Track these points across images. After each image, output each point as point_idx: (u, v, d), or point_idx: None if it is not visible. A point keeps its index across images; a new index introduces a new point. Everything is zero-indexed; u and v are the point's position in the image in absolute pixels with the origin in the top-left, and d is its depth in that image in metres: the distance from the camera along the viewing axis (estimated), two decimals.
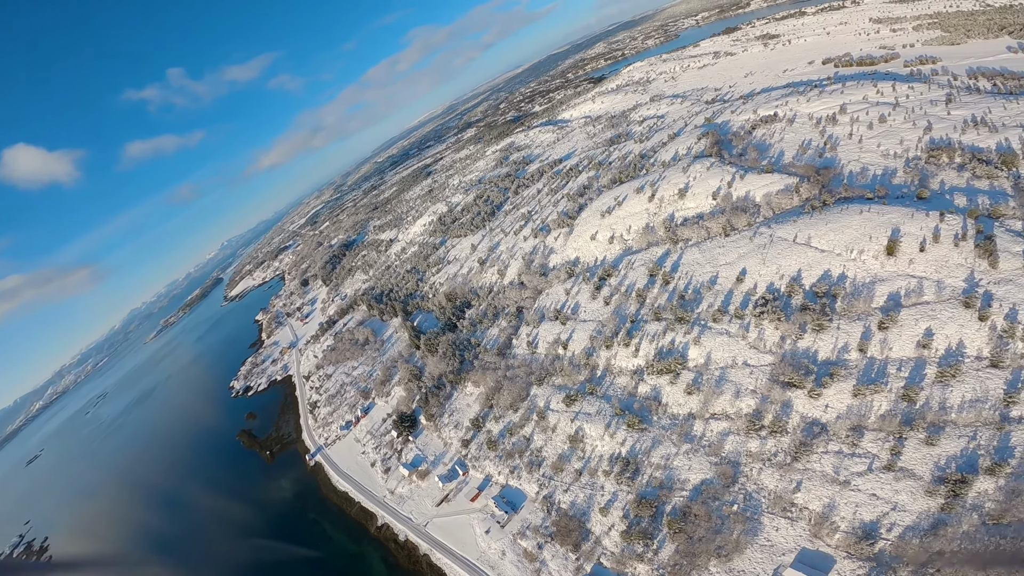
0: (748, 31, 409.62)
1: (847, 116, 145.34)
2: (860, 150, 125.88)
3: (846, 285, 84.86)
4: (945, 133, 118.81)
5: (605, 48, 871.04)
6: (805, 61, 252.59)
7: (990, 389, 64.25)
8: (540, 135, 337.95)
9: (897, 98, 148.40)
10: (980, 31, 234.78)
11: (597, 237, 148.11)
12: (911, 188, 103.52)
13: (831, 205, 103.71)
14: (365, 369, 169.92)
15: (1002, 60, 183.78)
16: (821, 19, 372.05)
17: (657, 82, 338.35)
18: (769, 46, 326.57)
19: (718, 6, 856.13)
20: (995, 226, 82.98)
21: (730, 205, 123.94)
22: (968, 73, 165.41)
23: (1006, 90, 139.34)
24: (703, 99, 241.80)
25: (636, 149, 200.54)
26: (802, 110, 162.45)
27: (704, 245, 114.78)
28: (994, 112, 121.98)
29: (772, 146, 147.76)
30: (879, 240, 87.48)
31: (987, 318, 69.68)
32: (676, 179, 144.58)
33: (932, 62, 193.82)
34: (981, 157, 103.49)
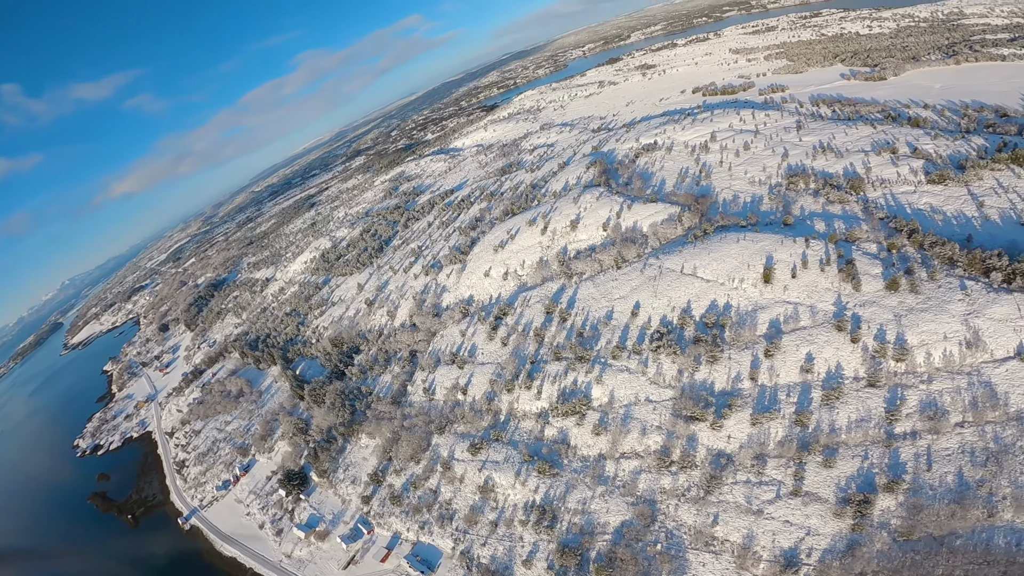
0: (629, 61, 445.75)
1: (717, 144, 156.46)
2: (731, 177, 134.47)
3: (732, 314, 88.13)
4: (799, 159, 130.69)
5: (499, 77, 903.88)
6: (678, 90, 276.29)
7: (872, 408, 67.80)
8: (432, 164, 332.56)
9: (757, 126, 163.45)
10: (818, 59, 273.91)
11: (491, 273, 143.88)
12: (777, 215, 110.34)
13: (711, 234, 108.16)
14: (241, 423, 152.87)
15: (837, 87, 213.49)
16: (690, 50, 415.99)
17: (547, 111, 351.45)
18: (647, 76, 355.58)
19: (602, 38, 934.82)
20: (853, 250, 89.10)
21: (620, 236, 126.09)
22: (811, 100, 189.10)
23: (844, 116, 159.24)
24: (590, 127, 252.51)
25: (527, 179, 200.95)
26: (679, 138, 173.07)
27: (598, 279, 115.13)
28: (837, 138, 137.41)
29: (654, 175, 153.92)
30: (756, 268, 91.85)
31: (858, 340, 74.03)
32: (567, 210, 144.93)
33: (781, 90, 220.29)
34: (832, 182, 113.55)
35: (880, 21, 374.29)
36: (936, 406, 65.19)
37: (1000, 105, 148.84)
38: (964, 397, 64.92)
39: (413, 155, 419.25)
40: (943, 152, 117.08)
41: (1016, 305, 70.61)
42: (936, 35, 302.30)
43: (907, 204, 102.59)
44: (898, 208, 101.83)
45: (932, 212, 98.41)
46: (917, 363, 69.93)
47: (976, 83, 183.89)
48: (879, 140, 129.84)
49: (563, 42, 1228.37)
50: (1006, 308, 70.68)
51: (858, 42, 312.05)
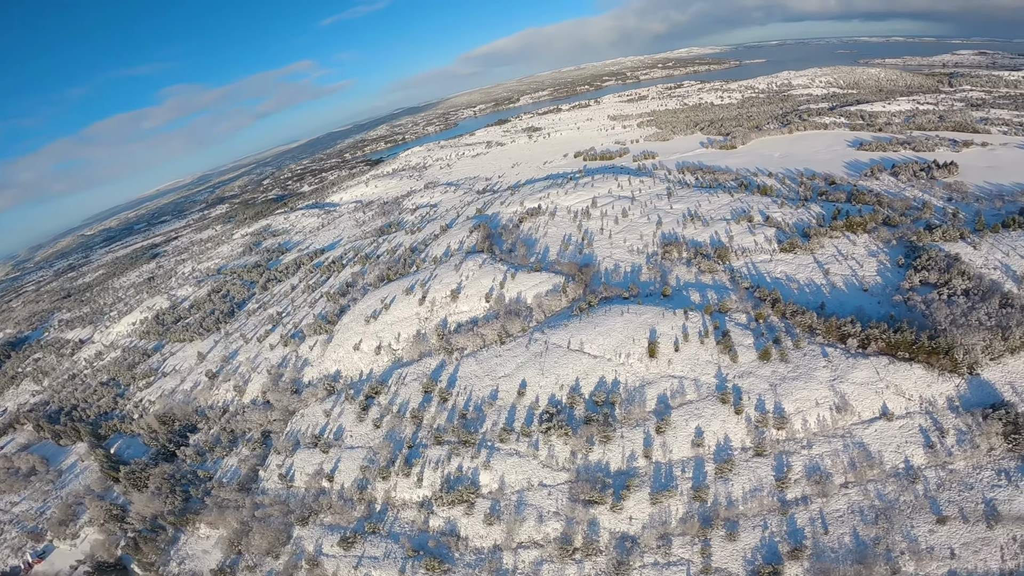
0: (517, 123, 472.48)
1: (598, 210, 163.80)
2: (611, 246, 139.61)
3: (621, 391, 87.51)
4: (672, 228, 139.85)
5: (387, 131, 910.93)
6: (562, 154, 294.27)
7: (763, 477, 69.15)
8: (303, 219, 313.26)
9: (633, 192, 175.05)
10: (682, 128, 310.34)
11: (362, 347, 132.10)
12: (656, 285, 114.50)
13: (596, 307, 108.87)
14: (32, 505, 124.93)
15: (698, 155, 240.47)
16: (573, 115, 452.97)
17: (433, 168, 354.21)
18: (533, 138, 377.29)
19: (493, 99, 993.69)
20: (727, 321, 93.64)
21: (504, 308, 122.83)
22: (678, 168, 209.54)
23: (706, 184, 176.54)
24: (475, 188, 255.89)
25: (407, 241, 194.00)
26: (562, 203, 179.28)
27: (481, 355, 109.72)
28: (703, 206, 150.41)
29: (538, 241, 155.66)
30: (641, 343, 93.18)
31: (742, 411, 76.96)
32: (448, 279, 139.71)
33: (652, 157, 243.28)
34: (702, 251, 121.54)
35: (729, 92, 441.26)
36: (820, 470, 68.13)
37: (828, 173, 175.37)
38: (843, 459, 68.36)
39: (284, 207, 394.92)
40: (789, 220, 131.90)
41: (874, 369, 76.92)
42: (773, 105, 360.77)
43: (766, 273, 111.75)
44: (759, 277, 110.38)
45: (788, 280, 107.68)
46: (796, 429, 73.44)
47: (806, 151, 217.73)
48: (737, 208, 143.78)
49: (456, 101, 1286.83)
50: (865, 372, 76.70)
51: (713, 112, 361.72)
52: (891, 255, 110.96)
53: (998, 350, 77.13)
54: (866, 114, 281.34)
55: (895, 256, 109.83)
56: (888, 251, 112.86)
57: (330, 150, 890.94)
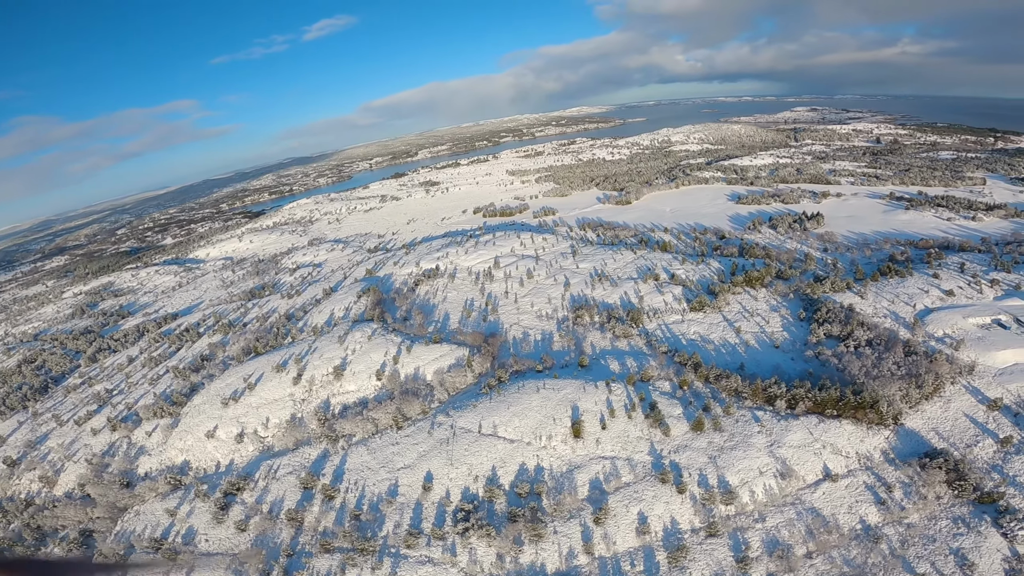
0: (415, 177, 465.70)
1: (501, 271, 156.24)
2: (518, 311, 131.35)
3: (547, 479, 78.40)
4: (581, 289, 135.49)
5: (274, 181, 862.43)
6: (461, 209, 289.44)
7: (721, 560, 63.48)
8: (158, 277, 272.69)
9: (537, 251, 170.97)
10: (578, 183, 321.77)
11: (218, 434, 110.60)
12: (572, 355, 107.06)
13: (507, 383, 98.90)
14: None
15: (597, 211, 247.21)
16: (472, 169, 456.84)
17: (320, 223, 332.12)
18: (431, 193, 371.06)
19: (392, 152, 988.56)
20: (651, 390, 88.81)
21: (399, 387, 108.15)
22: (579, 224, 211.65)
23: (608, 241, 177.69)
24: (366, 246, 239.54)
25: (283, 307, 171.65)
26: (462, 264, 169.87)
27: (373, 443, 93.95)
28: (608, 264, 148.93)
29: (437, 307, 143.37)
30: (563, 422, 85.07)
31: (685, 489, 71.50)
32: (331, 352, 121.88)
33: (553, 213, 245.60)
34: (614, 314, 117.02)
35: (618, 148, 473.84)
36: (779, 543, 63.85)
37: (717, 227, 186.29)
38: (799, 528, 64.95)
39: (136, 262, 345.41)
40: (693, 277, 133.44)
41: (807, 430, 75.79)
42: (658, 160, 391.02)
43: (681, 335, 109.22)
44: (674, 339, 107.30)
45: (703, 341, 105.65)
46: (745, 503, 69.38)
47: (693, 205, 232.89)
48: (642, 266, 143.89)
49: (352, 153, 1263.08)
50: (800, 434, 75.30)
51: (606, 167, 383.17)
52: (791, 309, 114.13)
53: (915, 398, 79.58)
54: (738, 168, 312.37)
55: (795, 310, 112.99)
56: (787, 305, 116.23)
57: (204, 199, 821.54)
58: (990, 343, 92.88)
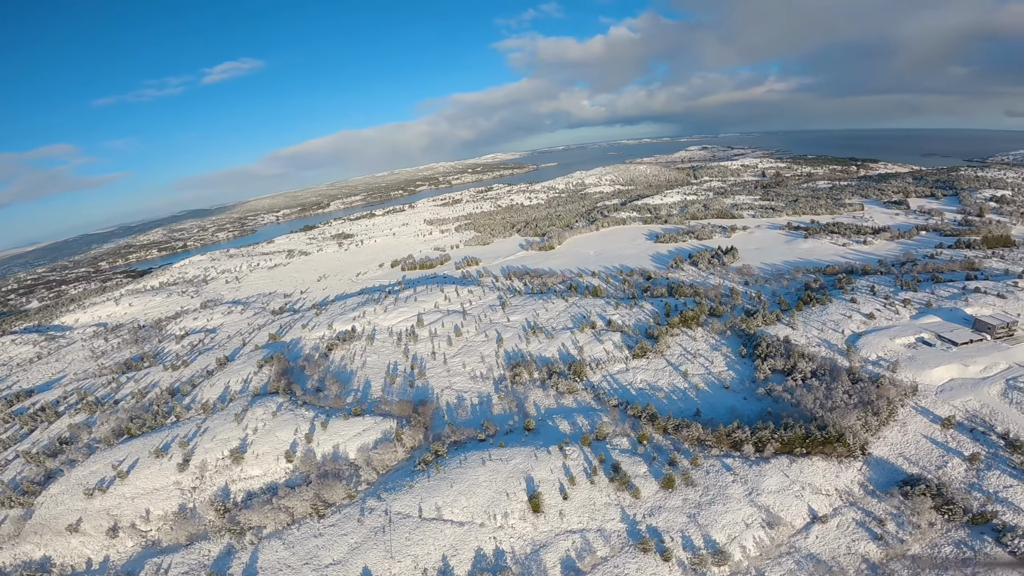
0: (326, 230, 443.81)
1: (426, 330, 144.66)
2: (449, 374, 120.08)
3: (509, 562, 68.43)
4: (515, 344, 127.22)
5: (165, 236, 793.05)
6: (377, 263, 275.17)
7: None
8: (13, 347, 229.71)
9: (463, 305, 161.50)
10: (499, 230, 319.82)
11: (83, 527, 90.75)
12: (516, 419, 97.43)
13: (446, 457, 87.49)
14: None
15: (521, 258, 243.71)
16: (389, 220, 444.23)
17: (217, 282, 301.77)
18: (344, 246, 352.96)
19: (300, 204, 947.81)
20: (610, 450, 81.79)
21: (316, 469, 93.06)
22: (504, 273, 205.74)
23: (536, 289, 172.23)
24: (270, 307, 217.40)
25: (165, 380, 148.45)
26: (381, 323, 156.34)
27: (290, 536, 79.51)
28: (540, 315, 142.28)
29: (355, 374, 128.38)
30: (518, 496, 75.35)
31: (670, 556, 65.01)
32: (227, 432, 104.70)
33: (476, 263, 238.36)
34: (554, 368, 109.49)
35: (535, 193, 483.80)
36: None
37: (643, 268, 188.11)
38: None
39: None
40: (629, 322, 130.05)
41: (781, 472, 72.24)
42: (575, 203, 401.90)
43: (628, 384, 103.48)
44: (623, 390, 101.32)
45: (652, 389, 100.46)
46: (738, 560, 64.01)
47: (615, 247, 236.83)
48: (576, 315, 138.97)
49: (256, 205, 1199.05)
50: (776, 478, 71.51)
51: (525, 212, 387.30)
52: (731, 346, 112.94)
53: (874, 426, 78.63)
54: (651, 207, 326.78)
55: (735, 347, 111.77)
56: (726, 342, 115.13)
57: (80, 256, 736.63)
58: (922, 362, 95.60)
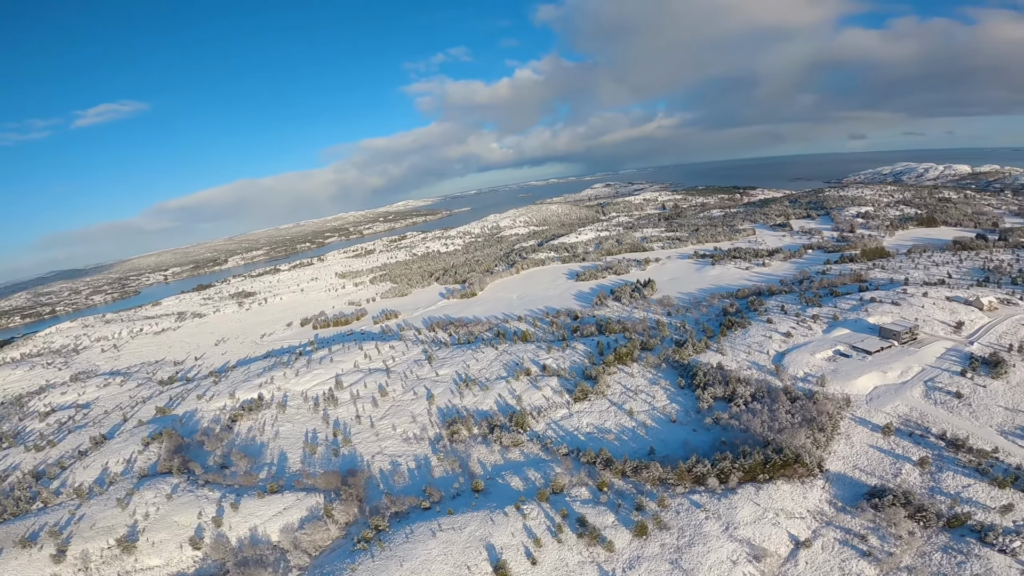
0: (224, 288, 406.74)
1: (346, 392, 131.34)
2: (378, 438, 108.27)
3: None
4: (448, 400, 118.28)
5: (29, 300, 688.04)
6: (284, 323, 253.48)
7: None
8: None
9: (386, 362, 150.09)
10: (417, 279, 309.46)
11: None
12: (461, 481, 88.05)
13: (389, 531, 76.63)
14: None
15: (442, 307, 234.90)
16: (295, 275, 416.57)
17: (91, 352, 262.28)
18: (245, 306, 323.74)
19: (193, 261, 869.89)
20: (568, 502, 75.62)
21: (232, 556, 79.38)
22: (426, 325, 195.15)
23: (463, 339, 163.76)
24: (157, 377, 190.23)
25: (28, 462, 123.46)
26: (294, 388, 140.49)
27: None
28: (471, 366, 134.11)
29: (267, 446, 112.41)
30: (481, 568, 67.04)
31: None
32: (109, 519, 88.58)
33: (395, 316, 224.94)
34: (494, 422, 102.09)
35: (451, 239, 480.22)
36: None
37: (568, 308, 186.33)
38: None
39: None
40: (564, 364, 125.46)
41: (751, 501, 70.17)
42: (493, 247, 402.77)
43: (574, 430, 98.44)
44: (570, 437, 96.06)
45: (601, 432, 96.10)
46: None
47: (538, 288, 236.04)
48: (508, 363, 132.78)
49: (140, 263, 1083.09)
50: (748, 508, 69.21)
51: (443, 259, 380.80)
52: (668, 378, 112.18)
53: (822, 442, 79.24)
54: (567, 246, 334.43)
55: (673, 379, 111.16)
56: (664, 375, 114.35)
57: None
58: (845, 374, 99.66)
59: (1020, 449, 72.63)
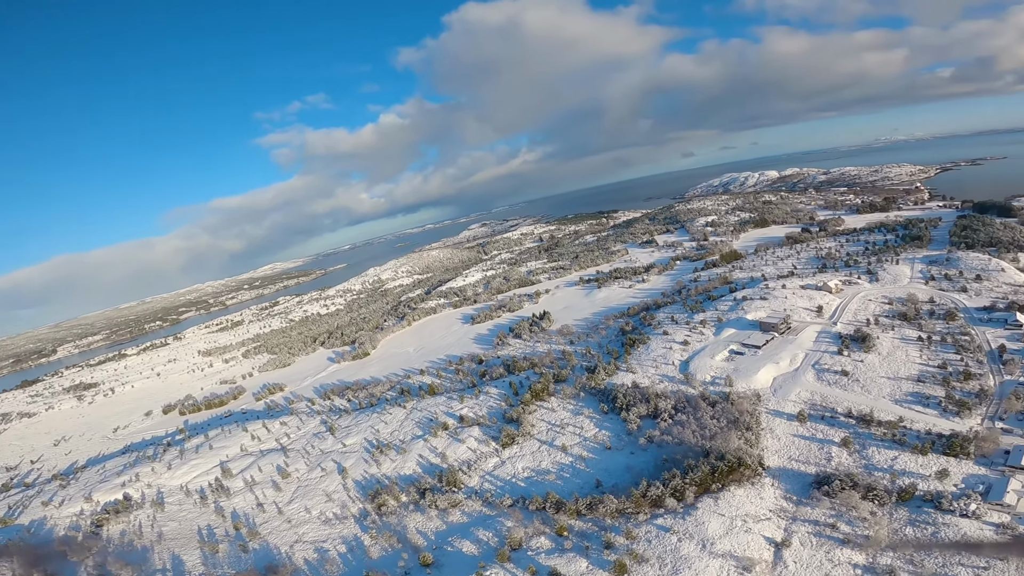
0: (54, 382, 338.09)
1: (238, 480, 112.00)
2: (292, 524, 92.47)
3: None
4: (364, 470, 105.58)
5: None
6: (141, 412, 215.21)
7: None
8: None
9: (279, 440, 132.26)
10: (299, 347, 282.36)
11: None
12: (406, 558, 76.77)
13: None
14: None
15: (334, 372, 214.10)
16: (147, 359, 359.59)
17: None
18: (87, 399, 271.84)
19: (12, 356, 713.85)
20: (532, 556, 70.18)
21: None
22: (319, 393, 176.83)
23: (365, 403, 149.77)
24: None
25: None
26: (169, 483, 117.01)
27: None
28: (381, 431, 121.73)
29: (152, 551, 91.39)
30: None
31: None
32: None
33: (280, 389, 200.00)
34: (422, 485, 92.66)
35: (331, 299, 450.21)
36: None
37: (471, 353, 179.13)
38: None
39: None
40: (482, 412, 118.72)
41: (715, 513, 69.64)
42: (378, 302, 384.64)
43: (512, 478, 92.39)
44: (509, 486, 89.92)
45: (540, 475, 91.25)
46: None
47: (435, 338, 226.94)
48: (421, 420, 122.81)
49: None
50: (715, 521, 68.23)
51: (326, 322, 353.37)
52: (590, 406, 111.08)
53: (752, 440, 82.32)
54: (456, 290, 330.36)
55: (595, 406, 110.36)
56: (584, 403, 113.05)
57: None
58: (745, 370, 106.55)
59: (919, 415, 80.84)
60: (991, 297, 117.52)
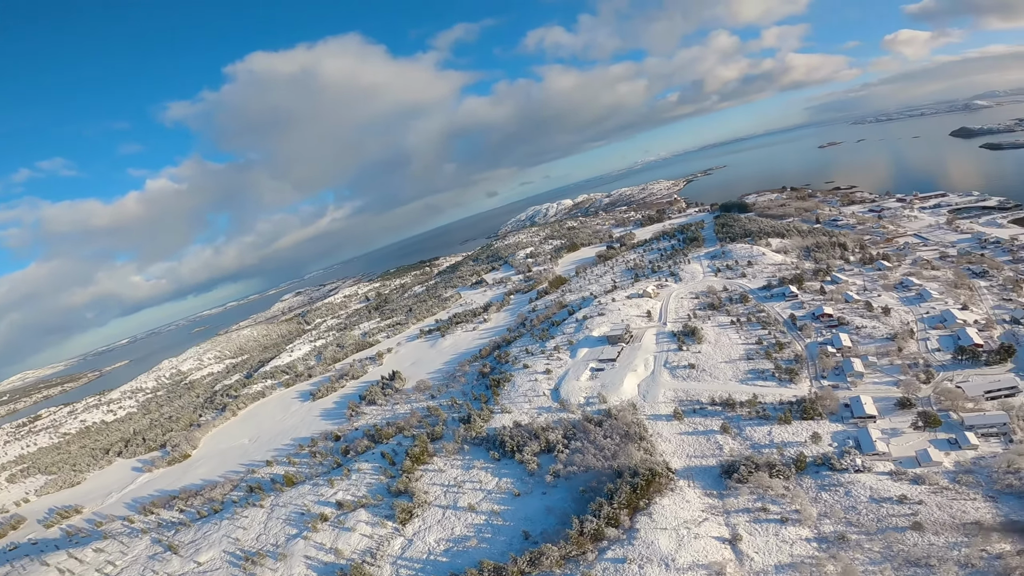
0: None
1: None
2: None
3: None
4: None
5: None
6: None
7: None
8: None
9: (101, 570, 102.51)
10: (87, 462, 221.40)
11: None
12: None
13: None
14: None
15: (148, 484, 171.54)
16: None
17: None
18: None
19: None
20: None
21: None
22: (133, 509, 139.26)
23: (207, 510, 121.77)
24: None
25: None
26: None
27: None
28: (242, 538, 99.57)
29: None
30: None
31: None
32: None
33: (78, 511, 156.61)
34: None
35: (116, 403, 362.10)
36: None
37: (322, 431, 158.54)
38: None
39: None
40: (360, 491, 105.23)
41: (655, 528, 70.21)
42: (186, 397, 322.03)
43: (430, 555, 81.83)
44: (432, 565, 79.72)
45: (460, 544, 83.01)
46: None
47: (271, 422, 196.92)
48: (289, 515, 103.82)
49: None
50: (662, 537, 68.55)
51: (118, 428, 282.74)
52: (480, 457, 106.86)
53: (648, 448, 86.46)
54: (284, 368, 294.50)
55: (484, 456, 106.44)
56: (472, 455, 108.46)
57: None
58: (611, 384, 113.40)
59: (765, 389, 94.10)
60: (764, 277, 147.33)
